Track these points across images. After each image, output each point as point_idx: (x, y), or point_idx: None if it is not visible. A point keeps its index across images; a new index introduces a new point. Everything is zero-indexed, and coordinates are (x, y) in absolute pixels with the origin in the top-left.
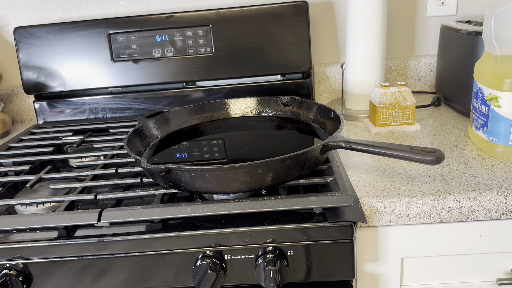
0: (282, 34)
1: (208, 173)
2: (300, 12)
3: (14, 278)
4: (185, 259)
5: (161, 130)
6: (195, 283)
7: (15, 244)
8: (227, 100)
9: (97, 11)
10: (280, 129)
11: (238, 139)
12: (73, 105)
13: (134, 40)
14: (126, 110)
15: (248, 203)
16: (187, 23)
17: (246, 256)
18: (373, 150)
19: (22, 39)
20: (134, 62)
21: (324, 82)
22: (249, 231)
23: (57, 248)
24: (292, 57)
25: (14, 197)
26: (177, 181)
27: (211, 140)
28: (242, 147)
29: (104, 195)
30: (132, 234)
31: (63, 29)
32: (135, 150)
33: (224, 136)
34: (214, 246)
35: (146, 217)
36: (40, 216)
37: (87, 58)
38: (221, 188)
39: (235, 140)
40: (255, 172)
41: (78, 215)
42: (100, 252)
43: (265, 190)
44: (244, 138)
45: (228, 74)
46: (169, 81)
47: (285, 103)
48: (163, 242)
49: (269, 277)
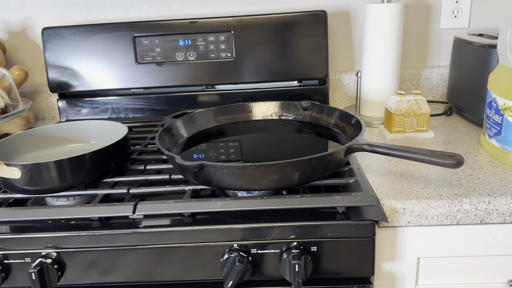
0: (301, 41)
1: (239, 170)
2: (319, 21)
3: (49, 266)
4: (214, 252)
5: (187, 130)
6: (223, 275)
7: (51, 233)
8: (249, 103)
9: (121, 15)
10: (300, 133)
11: (260, 140)
12: (95, 104)
13: (158, 43)
14: (147, 111)
15: (275, 200)
16: (210, 28)
17: (272, 251)
18: (396, 153)
19: (49, 39)
20: (157, 64)
21: (338, 89)
22: (275, 226)
23: (91, 238)
24: (310, 64)
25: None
26: (208, 177)
27: (234, 141)
28: (263, 148)
29: (136, 189)
30: (164, 227)
31: (89, 30)
32: (165, 147)
33: (246, 137)
34: (241, 240)
35: (178, 210)
36: (77, 208)
37: (111, 60)
38: (250, 185)
39: (256, 141)
40: (283, 171)
41: (113, 207)
42: (133, 243)
43: (286, 190)
44: (265, 140)
45: (247, 79)
46: (190, 84)
47: (304, 108)
48: (193, 235)
49: (294, 271)
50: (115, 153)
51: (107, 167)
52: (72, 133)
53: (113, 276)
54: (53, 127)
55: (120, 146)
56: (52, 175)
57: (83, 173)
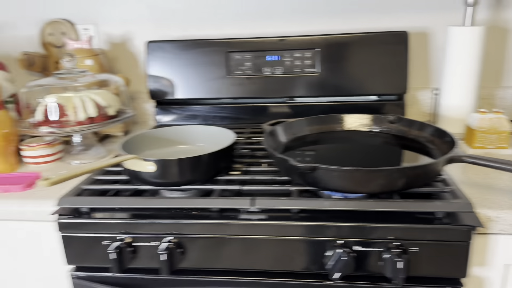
0: (382, 59)
1: (349, 173)
2: (400, 40)
3: (175, 249)
4: (320, 247)
5: (286, 135)
6: (329, 268)
7: (175, 220)
8: (339, 114)
9: (214, 31)
10: (387, 144)
11: (349, 150)
12: (187, 112)
13: (248, 58)
14: (233, 119)
15: (380, 203)
16: (297, 46)
17: (373, 249)
18: (496, 165)
19: (152, 51)
20: (246, 78)
21: (413, 105)
22: (379, 227)
23: (211, 227)
24: (390, 80)
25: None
26: (317, 179)
27: (325, 148)
28: (353, 157)
29: (248, 187)
30: (275, 220)
31: (188, 45)
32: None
33: (336, 146)
34: (345, 238)
35: (291, 206)
36: (202, 199)
37: (205, 72)
38: (356, 188)
39: (345, 150)
40: (391, 177)
41: (234, 200)
42: (246, 234)
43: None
44: (354, 149)
45: (328, 93)
46: (275, 96)
47: (391, 121)
48: (301, 230)
49: (397, 269)
50: (227, 155)
51: (219, 167)
52: (182, 136)
53: (225, 262)
54: (165, 130)
55: (230, 149)
56: (178, 170)
57: (202, 170)
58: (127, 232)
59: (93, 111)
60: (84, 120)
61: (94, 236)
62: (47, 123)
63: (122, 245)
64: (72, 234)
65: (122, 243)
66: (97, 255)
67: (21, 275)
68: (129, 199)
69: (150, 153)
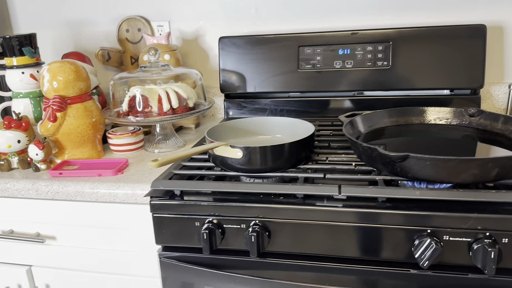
0: (458, 53)
1: (442, 162)
2: (478, 34)
3: (261, 231)
4: (408, 236)
5: (364, 126)
6: (417, 256)
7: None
8: (417, 107)
9: (285, 26)
10: (467, 138)
11: (428, 142)
12: (256, 105)
13: (319, 52)
14: (300, 113)
15: (473, 193)
16: (369, 39)
17: (463, 239)
18: None
19: (224, 47)
20: (316, 71)
21: (487, 100)
22: (471, 217)
23: (296, 212)
24: (464, 74)
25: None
26: (406, 168)
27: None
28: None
29: (331, 175)
30: (362, 208)
31: (259, 40)
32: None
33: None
34: (435, 227)
35: (380, 195)
36: (289, 185)
37: (276, 66)
38: (448, 178)
39: (425, 142)
40: (485, 166)
41: (320, 187)
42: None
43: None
44: (436, 142)
45: (399, 86)
46: (345, 89)
47: (471, 114)
48: (389, 218)
49: (489, 258)
50: (307, 145)
51: (300, 156)
52: (259, 127)
53: (311, 247)
54: (244, 121)
55: (310, 140)
56: (263, 158)
57: (285, 159)
58: (217, 215)
59: (176, 102)
60: (167, 111)
61: (185, 217)
62: (132, 113)
63: (212, 227)
64: (163, 215)
65: (212, 225)
66: (187, 236)
67: (110, 254)
68: (219, 183)
69: (233, 142)
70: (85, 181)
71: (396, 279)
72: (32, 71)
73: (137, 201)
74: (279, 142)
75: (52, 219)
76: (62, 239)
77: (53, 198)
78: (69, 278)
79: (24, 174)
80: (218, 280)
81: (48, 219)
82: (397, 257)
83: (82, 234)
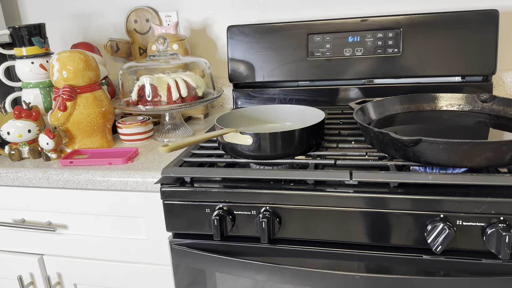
0: (469, 39)
1: (456, 146)
2: (490, 19)
3: (272, 218)
4: (421, 221)
5: (375, 113)
6: (430, 241)
7: (273, 190)
8: (429, 94)
9: (294, 15)
10: (480, 123)
11: (442, 128)
12: (265, 95)
13: (329, 40)
14: (310, 102)
15: (487, 177)
16: (380, 26)
17: (476, 224)
18: None
19: (233, 36)
20: (326, 59)
21: (499, 87)
22: (485, 201)
23: (308, 198)
24: (476, 60)
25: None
26: (419, 153)
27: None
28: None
29: (342, 161)
30: (373, 193)
31: (268, 29)
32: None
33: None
34: (448, 212)
35: (392, 180)
36: (299, 171)
37: (285, 55)
38: (462, 162)
39: (439, 129)
40: (499, 150)
41: (331, 173)
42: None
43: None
44: (448, 128)
45: (410, 73)
46: (355, 77)
47: (483, 100)
48: (401, 203)
49: (504, 243)
50: (318, 131)
51: (310, 143)
52: (269, 114)
53: (322, 233)
54: (253, 109)
55: (320, 127)
56: (273, 144)
57: (295, 145)
58: (227, 201)
59: (185, 91)
60: (176, 100)
61: (195, 204)
62: (141, 102)
63: (222, 213)
64: (174, 202)
65: (223, 211)
66: (197, 223)
67: (121, 242)
68: (229, 170)
69: (243, 129)
70: (96, 169)
71: (409, 265)
72: (41, 61)
73: (147, 188)
74: (289, 129)
75: (63, 208)
76: (73, 228)
77: (64, 187)
78: (80, 267)
79: (35, 163)
80: (229, 266)
81: (59, 208)
82: (409, 243)
83: (93, 222)
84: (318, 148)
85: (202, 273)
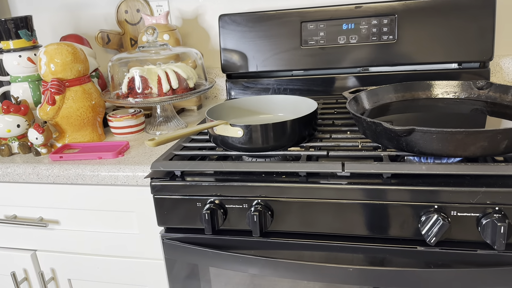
0: (466, 24)
1: (450, 135)
2: (486, 4)
3: (264, 211)
4: (415, 212)
5: (369, 102)
6: (425, 232)
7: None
8: (424, 82)
9: (284, 2)
10: (477, 111)
11: (438, 117)
12: (259, 85)
13: (323, 28)
14: (304, 92)
15: (481, 166)
16: (374, 12)
17: (471, 214)
18: None
19: (225, 25)
20: (320, 48)
21: (496, 73)
22: (479, 191)
23: (300, 190)
24: (473, 46)
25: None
26: (412, 142)
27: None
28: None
29: (335, 153)
30: (366, 184)
31: (261, 17)
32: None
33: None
34: (442, 202)
35: (385, 170)
36: (291, 163)
37: (278, 44)
38: (456, 152)
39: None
40: (494, 139)
41: (323, 164)
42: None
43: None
44: (444, 117)
45: (406, 61)
46: (350, 66)
47: (479, 87)
48: (394, 194)
49: (499, 233)
50: (310, 122)
51: (303, 134)
52: (261, 105)
53: (315, 226)
54: (245, 100)
55: (313, 117)
56: (264, 136)
57: (287, 136)
58: (219, 195)
59: (176, 83)
60: (167, 92)
61: (186, 198)
62: (131, 95)
63: (213, 207)
64: (164, 196)
65: (214, 205)
66: (189, 217)
67: (113, 237)
68: (219, 163)
69: (234, 121)
70: (86, 164)
71: (403, 257)
72: (29, 54)
73: (138, 183)
74: (281, 120)
75: (55, 203)
76: (65, 223)
77: (54, 182)
78: (74, 262)
79: (24, 158)
80: (221, 260)
81: (50, 204)
82: (404, 234)
83: (84, 217)
84: (311, 139)
85: (195, 267)
